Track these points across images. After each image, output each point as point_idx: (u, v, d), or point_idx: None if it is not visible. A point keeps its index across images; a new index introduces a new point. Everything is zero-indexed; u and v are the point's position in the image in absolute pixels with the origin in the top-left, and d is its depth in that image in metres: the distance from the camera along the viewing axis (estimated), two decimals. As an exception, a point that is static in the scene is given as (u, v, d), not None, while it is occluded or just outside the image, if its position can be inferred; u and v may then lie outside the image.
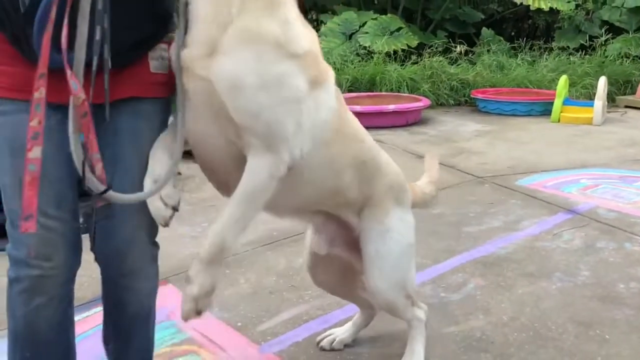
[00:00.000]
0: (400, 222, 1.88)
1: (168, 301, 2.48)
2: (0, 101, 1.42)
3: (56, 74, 1.36)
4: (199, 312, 1.54)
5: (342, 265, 2.03)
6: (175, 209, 1.54)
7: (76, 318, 1.68)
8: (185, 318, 1.54)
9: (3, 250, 1.55)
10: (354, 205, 1.81)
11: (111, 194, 1.41)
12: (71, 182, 1.50)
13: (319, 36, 8.40)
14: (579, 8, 9.94)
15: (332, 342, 2.19)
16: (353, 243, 1.90)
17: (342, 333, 2.22)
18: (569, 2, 9.34)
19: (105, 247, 1.59)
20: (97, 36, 1.32)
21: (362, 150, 1.77)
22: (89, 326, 2.32)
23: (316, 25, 11.17)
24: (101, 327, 1.77)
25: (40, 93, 1.25)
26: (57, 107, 1.43)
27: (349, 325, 2.24)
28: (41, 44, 1.29)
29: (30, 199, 1.30)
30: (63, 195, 1.49)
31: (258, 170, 1.48)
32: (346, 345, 2.21)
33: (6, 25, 1.38)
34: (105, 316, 1.75)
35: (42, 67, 1.27)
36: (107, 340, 1.77)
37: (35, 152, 1.31)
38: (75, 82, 1.32)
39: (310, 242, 2.02)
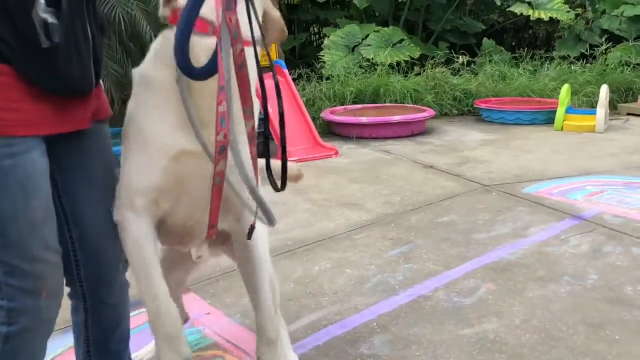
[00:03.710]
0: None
1: (192, 309, 2.56)
2: (9, 141, 1.33)
3: (44, 104, 1.37)
4: None
5: (180, 258, 1.99)
6: None
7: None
8: None
9: None
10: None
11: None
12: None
13: (323, 49, 8.42)
14: (579, 17, 10.09)
15: None
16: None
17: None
18: (568, 11, 9.49)
19: (92, 272, 1.64)
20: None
21: None
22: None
23: (319, 38, 11.31)
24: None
25: (223, 107, 1.23)
26: (52, 140, 1.43)
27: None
28: (185, 59, 1.27)
29: (215, 210, 1.36)
30: (55, 224, 1.47)
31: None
32: (366, 349, 2.28)
33: (18, 58, 1.32)
34: (88, 352, 1.74)
35: (221, 79, 1.25)
36: None
37: (221, 166, 1.31)
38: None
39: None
